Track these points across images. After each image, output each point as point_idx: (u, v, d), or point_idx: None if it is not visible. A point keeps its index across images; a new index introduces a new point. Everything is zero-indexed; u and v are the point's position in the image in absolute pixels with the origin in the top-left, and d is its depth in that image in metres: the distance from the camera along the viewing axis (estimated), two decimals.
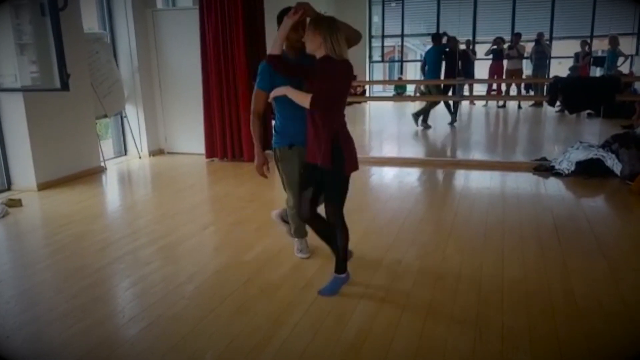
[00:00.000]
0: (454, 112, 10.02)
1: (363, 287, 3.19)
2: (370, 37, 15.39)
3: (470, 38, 13.35)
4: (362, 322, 2.79)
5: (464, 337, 2.62)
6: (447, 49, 10.14)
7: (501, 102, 12.91)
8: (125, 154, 7.67)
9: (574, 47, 12.48)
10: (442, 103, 9.99)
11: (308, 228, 3.44)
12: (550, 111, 11.32)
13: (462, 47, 11.41)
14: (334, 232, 3.06)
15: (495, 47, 12.35)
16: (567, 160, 5.91)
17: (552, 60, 12.97)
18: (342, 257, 3.08)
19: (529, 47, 12.67)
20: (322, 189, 3.03)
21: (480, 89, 14.36)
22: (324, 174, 2.92)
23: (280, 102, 3.17)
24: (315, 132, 2.87)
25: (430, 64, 9.89)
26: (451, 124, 9.92)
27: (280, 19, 3.07)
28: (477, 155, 7.58)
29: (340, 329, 2.72)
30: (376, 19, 15.50)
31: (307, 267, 3.52)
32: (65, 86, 5.30)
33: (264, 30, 7.02)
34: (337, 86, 2.85)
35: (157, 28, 7.38)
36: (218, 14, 6.72)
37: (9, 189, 5.83)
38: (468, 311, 2.88)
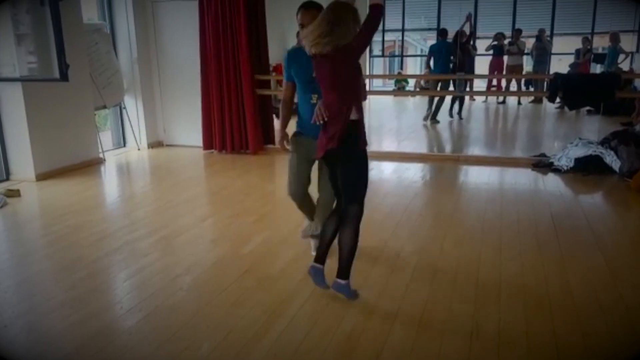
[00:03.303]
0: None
1: (361, 281, 3.19)
2: None
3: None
4: (359, 316, 2.80)
5: (461, 331, 2.62)
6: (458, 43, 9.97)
7: (501, 98, 12.89)
8: (124, 145, 7.66)
9: (575, 43, 12.44)
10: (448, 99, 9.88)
11: None
12: (550, 107, 11.31)
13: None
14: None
15: (495, 42, 12.32)
16: (566, 156, 5.90)
17: (553, 57, 12.94)
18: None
19: (529, 43, 12.63)
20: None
21: (480, 85, 14.33)
22: None
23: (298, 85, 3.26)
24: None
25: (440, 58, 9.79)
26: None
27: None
28: (476, 150, 7.58)
29: (337, 322, 2.73)
30: None
31: (305, 260, 3.52)
32: (64, 77, 5.28)
33: (264, 20, 6.99)
34: None
35: (156, 19, 7.35)
36: (218, 5, 6.69)
37: (7, 179, 5.82)
38: (465, 305, 2.88)
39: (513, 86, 13.03)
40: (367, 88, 14.26)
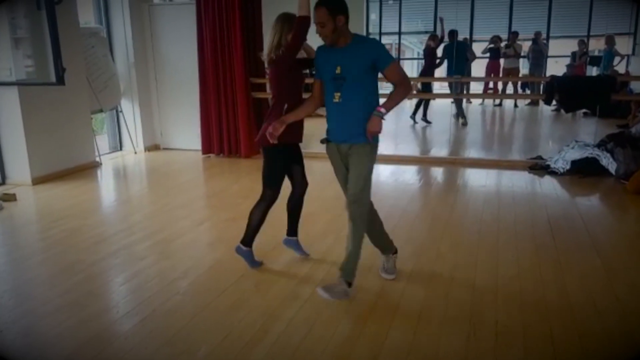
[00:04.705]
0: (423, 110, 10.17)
1: (358, 284, 3.19)
2: (368, 34, 15.36)
3: (468, 36, 13.35)
4: (356, 319, 2.80)
5: (458, 334, 2.63)
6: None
7: (497, 101, 12.93)
8: (121, 149, 7.64)
9: (571, 46, 12.49)
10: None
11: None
12: (546, 110, 11.34)
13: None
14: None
15: (492, 45, 12.35)
16: (562, 159, 5.92)
17: (549, 59, 12.98)
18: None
19: (526, 45, 12.67)
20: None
21: (477, 88, 14.36)
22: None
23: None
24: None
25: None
26: (422, 119, 10.05)
27: None
28: (473, 153, 7.59)
29: (334, 325, 2.73)
30: (373, 16, 15.46)
31: (302, 264, 3.53)
32: (60, 80, 5.27)
33: (260, 24, 7.00)
34: None
35: (153, 22, 7.35)
36: (215, 8, 6.70)
37: (3, 183, 5.81)
38: (462, 308, 2.88)
39: (509, 89, 13.06)
40: None
